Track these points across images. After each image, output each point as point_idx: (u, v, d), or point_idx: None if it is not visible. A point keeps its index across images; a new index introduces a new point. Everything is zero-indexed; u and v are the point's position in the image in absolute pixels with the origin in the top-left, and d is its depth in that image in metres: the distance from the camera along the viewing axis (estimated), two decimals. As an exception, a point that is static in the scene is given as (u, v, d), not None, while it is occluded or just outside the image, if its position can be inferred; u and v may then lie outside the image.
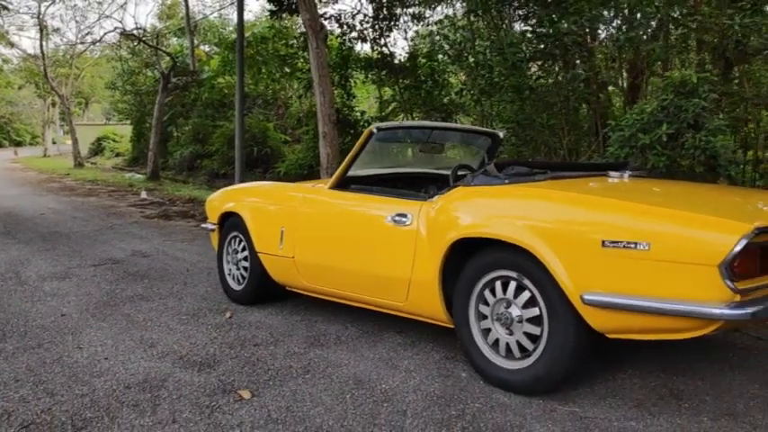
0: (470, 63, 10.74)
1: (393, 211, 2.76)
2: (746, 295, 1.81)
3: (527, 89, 9.24)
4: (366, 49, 12.90)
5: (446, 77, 12.91)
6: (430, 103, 12.23)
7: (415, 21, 12.75)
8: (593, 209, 2.18)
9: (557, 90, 9.57)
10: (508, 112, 9.83)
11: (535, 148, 9.82)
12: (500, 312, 2.35)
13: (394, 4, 12.14)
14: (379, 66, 12.42)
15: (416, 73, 12.25)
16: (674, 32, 8.93)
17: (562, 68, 9.93)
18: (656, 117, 6.90)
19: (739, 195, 2.77)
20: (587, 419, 2.08)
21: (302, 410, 2.19)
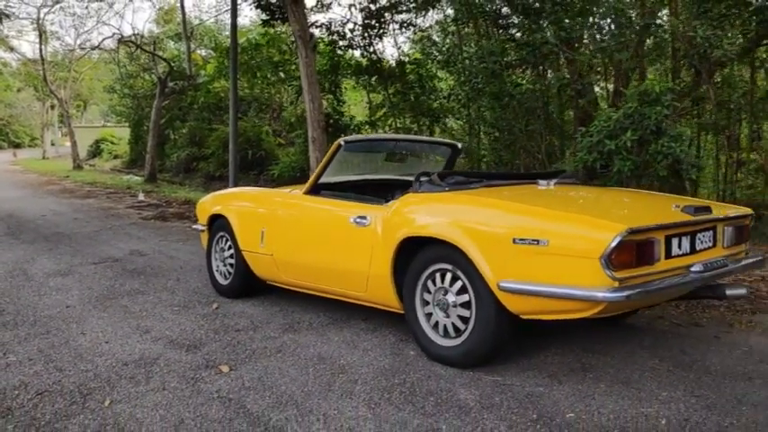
0: (458, 68, 11.20)
1: (355, 213, 3.20)
2: (624, 282, 2.25)
3: (507, 96, 9.70)
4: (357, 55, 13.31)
5: (434, 83, 13.34)
6: (418, 107, 12.65)
7: (403, 29, 13.19)
8: (506, 212, 2.63)
9: (536, 97, 10.03)
10: (489, 118, 10.28)
11: (514, 153, 10.27)
12: (439, 299, 2.79)
13: (383, 13, 12.57)
14: (368, 72, 12.84)
15: (405, 79, 12.66)
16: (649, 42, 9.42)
17: (541, 76, 10.40)
18: (621, 124, 7.39)
19: (637, 199, 3.21)
20: (505, 386, 2.51)
21: (271, 381, 2.62)
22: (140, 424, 2.22)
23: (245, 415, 2.28)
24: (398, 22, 12.96)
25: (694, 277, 2.46)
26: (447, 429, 2.14)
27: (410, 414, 2.27)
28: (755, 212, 7.75)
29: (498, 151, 10.52)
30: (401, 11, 12.76)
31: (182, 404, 2.39)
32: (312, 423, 2.21)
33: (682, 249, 2.50)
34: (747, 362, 2.80)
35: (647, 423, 2.16)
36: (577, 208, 2.73)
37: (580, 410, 2.27)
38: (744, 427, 2.12)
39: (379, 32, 12.71)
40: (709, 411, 2.25)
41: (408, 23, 13.09)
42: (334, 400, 2.41)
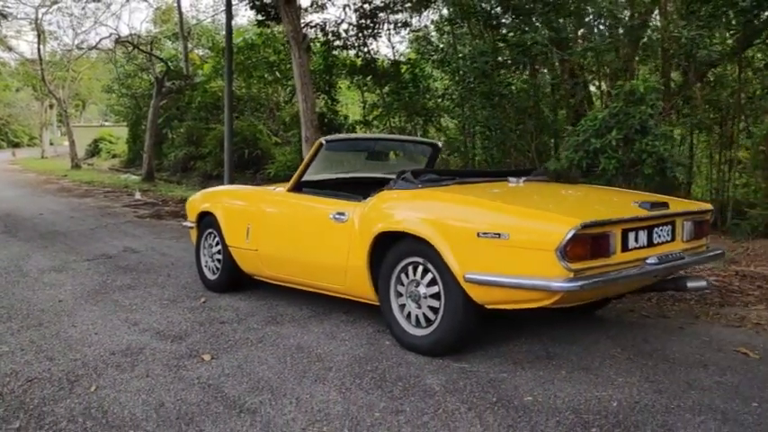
0: (453, 68, 11.33)
1: (335, 209, 3.33)
2: (580, 273, 2.38)
3: (497, 95, 9.83)
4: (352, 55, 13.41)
5: (428, 83, 13.46)
6: (411, 107, 12.77)
7: (397, 29, 13.30)
8: (471, 207, 2.77)
9: (527, 96, 10.16)
10: (479, 117, 10.41)
11: (505, 152, 10.41)
12: (411, 290, 2.92)
13: (377, 13, 12.70)
14: (363, 72, 12.97)
15: (399, 78, 12.78)
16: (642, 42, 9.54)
17: (531, 76, 10.53)
18: (607, 123, 7.53)
19: (599, 196, 3.35)
20: (470, 372, 2.65)
21: (250, 368, 2.76)
22: (123, 407, 2.35)
23: (222, 399, 2.42)
24: (393, 22, 13.09)
25: (650, 269, 2.60)
26: (410, 411, 2.27)
27: (378, 397, 2.40)
28: (740, 209, 7.83)
29: (490, 150, 10.67)
30: (396, 11, 12.88)
31: (163, 389, 2.52)
32: (285, 405, 2.34)
33: (639, 243, 2.64)
34: (705, 351, 2.93)
35: (598, 405, 2.29)
36: (538, 204, 2.87)
37: (538, 394, 2.40)
38: (689, 409, 2.26)
39: (373, 33, 12.84)
40: (659, 395, 2.39)
41: (404, 23, 13.22)
42: (307, 385, 2.55)
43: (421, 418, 2.21)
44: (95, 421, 2.23)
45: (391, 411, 2.27)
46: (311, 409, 2.31)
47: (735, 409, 2.25)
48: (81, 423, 2.22)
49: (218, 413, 2.28)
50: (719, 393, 2.40)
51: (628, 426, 2.12)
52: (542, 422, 2.15)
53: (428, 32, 14.24)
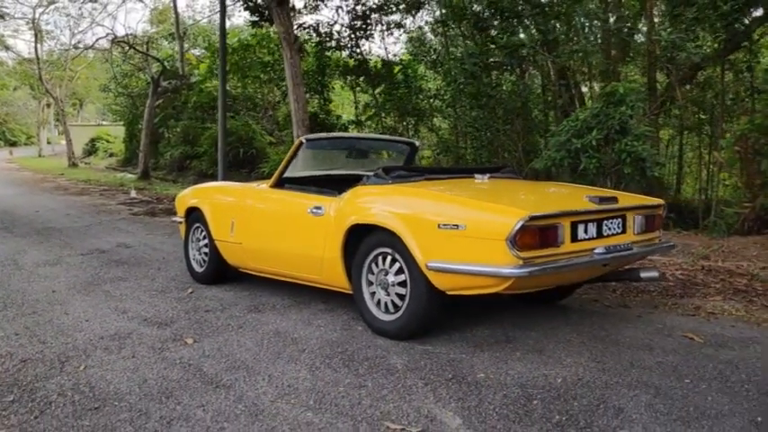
0: (445, 69, 11.54)
1: (312, 204, 3.54)
2: (529, 261, 2.59)
3: (485, 96, 10.05)
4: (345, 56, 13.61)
5: (420, 84, 13.66)
6: (403, 107, 12.98)
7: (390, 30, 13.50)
8: (433, 201, 2.98)
9: (514, 97, 10.37)
10: (468, 118, 10.63)
11: (493, 151, 10.63)
12: (381, 279, 3.13)
13: (369, 15, 12.90)
14: (355, 72, 13.17)
15: (391, 79, 12.98)
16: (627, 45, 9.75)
17: (520, 77, 10.75)
18: (588, 124, 7.75)
19: (554, 191, 3.58)
20: (432, 353, 2.86)
21: (228, 350, 2.96)
22: (109, 383, 2.55)
23: (200, 376, 2.62)
24: (385, 23, 13.29)
25: (597, 258, 2.81)
26: (372, 386, 2.48)
27: (344, 375, 2.61)
28: (719, 207, 8.00)
29: (479, 150, 10.88)
30: (389, 12, 13.09)
31: (147, 368, 2.73)
32: (257, 382, 2.55)
33: (588, 234, 2.85)
34: (655, 336, 3.14)
35: (544, 381, 2.50)
36: (493, 197, 3.08)
37: (491, 372, 2.61)
38: (626, 385, 2.47)
39: (365, 34, 13.04)
40: (602, 373, 2.60)
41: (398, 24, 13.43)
42: (280, 364, 2.75)
43: (380, 392, 2.41)
44: (83, 395, 2.44)
45: (354, 386, 2.48)
46: (281, 384, 2.51)
47: (668, 385, 2.46)
48: (70, 397, 2.42)
49: (195, 388, 2.49)
50: (658, 372, 2.61)
51: (567, 398, 2.33)
52: (490, 395, 2.36)
53: (422, 33, 14.48)
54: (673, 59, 8.40)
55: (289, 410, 2.26)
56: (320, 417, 2.20)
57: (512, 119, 9.98)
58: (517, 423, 2.13)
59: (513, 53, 9.57)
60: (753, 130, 7.11)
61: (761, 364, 2.70)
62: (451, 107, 12.06)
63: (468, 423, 2.13)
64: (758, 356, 2.82)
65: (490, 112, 10.02)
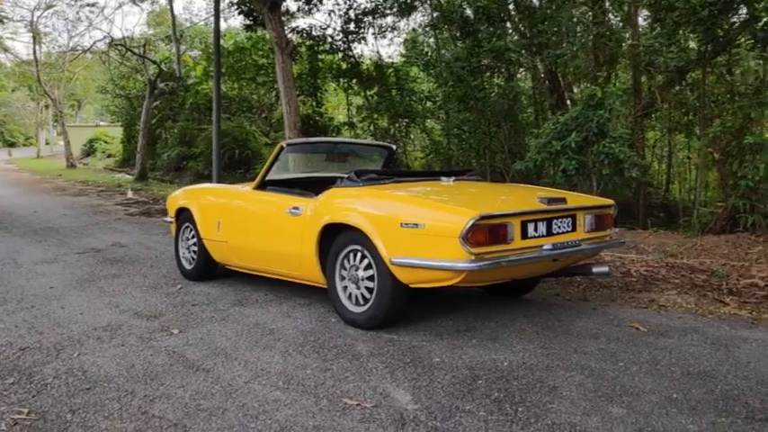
0: (436, 72, 11.80)
1: (291, 204, 3.81)
2: (480, 256, 2.86)
3: (472, 99, 10.32)
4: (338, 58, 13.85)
5: (413, 86, 13.92)
6: (393, 109, 13.24)
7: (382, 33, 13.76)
8: (396, 202, 3.26)
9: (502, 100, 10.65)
10: (455, 121, 10.90)
11: (481, 153, 10.90)
12: (352, 274, 3.40)
13: (361, 18, 13.17)
14: (348, 75, 13.43)
15: (383, 82, 13.24)
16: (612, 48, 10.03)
17: (508, 80, 11.02)
18: (568, 126, 8.03)
19: (509, 192, 3.86)
20: (396, 341, 3.13)
21: (210, 339, 3.23)
22: (100, 368, 2.82)
23: (183, 361, 2.89)
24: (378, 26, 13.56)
25: (545, 254, 3.07)
26: (337, 369, 2.75)
27: (313, 360, 2.88)
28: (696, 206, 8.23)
29: (466, 151, 11.16)
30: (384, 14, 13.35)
31: (135, 355, 3.00)
32: (234, 366, 2.82)
33: (538, 232, 3.11)
34: (604, 326, 3.41)
35: (492, 365, 2.77)
36: (450, 199, 3.35)
37: (446, 357, 2.88)
38: (565, 368, 2.74)
39: (358, 37, 13.31)
40: (546, 358, 2.87)
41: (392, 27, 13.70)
42: (256, 351, 3.02)
43: (344, 374, 2.68)
44: (75, 378, 2.70)
45: (321, 369, 2.75)
46: (255, 368, 2.78)
47: (602, 367, 2.73)
48: (64, 379, 2.69)
49: (177, 371, 2.76)
50: (596, 357, 2.88)
51: (509, 379, 2.60)
52: (441, 376, 2.63)
53: (416, 35, 14.75)
54: (652, 63, 8.68)
55: (259, 390, 2.53)
56: (287, 395, 2.47)
57: (499, 121, 10.24)
58: (460, 399, 2.40)
59: (500, 57, 9.85)
60: (724, 133, 7.38)
61: (692, 350, 2.97)
62: (442, 109, 12.34)
63: (416, 399, 2.40)
64: (693, 344, 3.09)
65: (478, 115, 10.29)
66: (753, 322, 3.53)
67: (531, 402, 2.35)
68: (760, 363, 2.79)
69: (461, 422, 2.20)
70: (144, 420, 2.27)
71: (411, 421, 2.22)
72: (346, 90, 13.98)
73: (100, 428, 2.21)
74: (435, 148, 12.28)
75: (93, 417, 2.30)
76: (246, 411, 2.32)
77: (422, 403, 2.37)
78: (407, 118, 13.33)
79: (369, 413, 2.29)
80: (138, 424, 2.24)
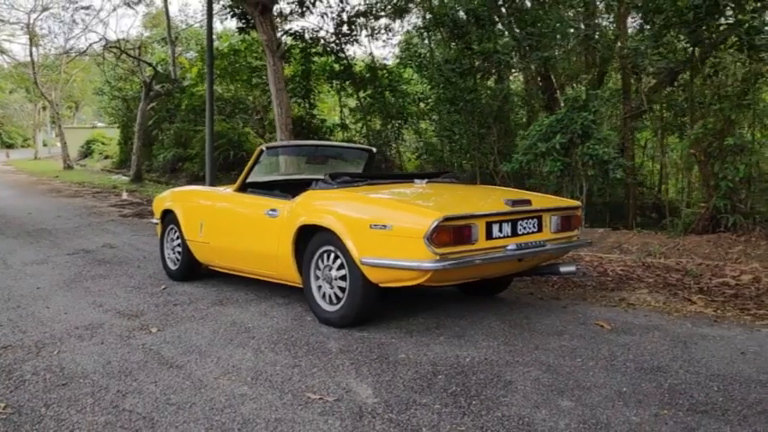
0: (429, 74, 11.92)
1: (269, 206, 3.91)
2: (445, 256, 2.97)
3: (462, 101, 10.43)
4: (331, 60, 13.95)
5: (406, 88, 14.03)
6: (386, 111, 13.35)
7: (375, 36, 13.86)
8: (366, 204, 3.37)
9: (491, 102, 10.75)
10: (446, 122, 11.01)
11: (471, 154, 11.01)
12: (326, 274, 3.51)
13: (354, 21, 13.27)
14: (341, 77, 13.54)
15: (376, 83, 13.34)
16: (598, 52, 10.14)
17: (498, 82, 11.13)
18: (553, 128, 8.14)
19: (476, 194, 3.97)
20: (366, 339, 3.23)
21: (187, 337, 3.34)
22: (77, 365, 2.93)
23: (158, 359, 2.99)
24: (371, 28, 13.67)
25: (509, 254, 3.18)
26: (305, 365, 2.85)
27: (283, 357, 2.98)
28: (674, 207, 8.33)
29: (456, 153, 11.27)
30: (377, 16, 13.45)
31: (112, 352, 3.10)
32: (207, 363, 2.92)
33: (503, 233, 3.22)
34: (570, 324, 3.52)
35: (454, 360, 2.88)
36: (418, 201, 3.46)
37: (411, 353, 2.99)
38: (524, 363, 2.84)
39: (351, 39, 13.41)
40: (508, 354, 2.97)
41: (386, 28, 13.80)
42: (230, 349, 3.13)
43: (311, 370, 2.79)
44: (53, 374, 2.81)
45: (290, 366, 2.85)
46: (227, 365, 2.89)
47: (560, 363, 2.84)
48: (42, 375, 2.79)
49: (152, 368, 2.86)
50: (556, 353, 2.98)
51: (468, 374, 2.70)
52: (404, 371, 2.74)
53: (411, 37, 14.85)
54: (637, 66, 8.79)
55: (228, 385, 2.63)
56: (253, 390, 2.58)
57: (489, 123, 10.35)
58: (418, 393, 2.50)
59: (489, 59, 9.96)
60: (706, 134, 7.49)
61: (650, 347, 3.08)
62: (434, 111, 12.45)
63: (377, 393, 2.51)
64: (652, 341, 3.19)
65: (467, 117, 10.40)
66: (716, 320, 3.64)
67: (486, 396, 2.46)
68: (713, 359, 2.90)
69: (416, 414, 2.30)
70: (114, 414, 2.37)
71: (368, 414, 2.32)
72: (339, 92, 14.09)
73: (72, 422, 2.31)
74: (427, 150, 12.39)
75: (66, 411, 2.41)
76: (213, 405, 2.43)
77: (381, 397, 2.47)
78: (400, 119, 13.44)
79: (329, 407, 2.39)
80: (108, 417, 2.34)
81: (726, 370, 2.74)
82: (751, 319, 3.64)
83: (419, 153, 12.58)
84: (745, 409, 2.33)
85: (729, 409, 2.32)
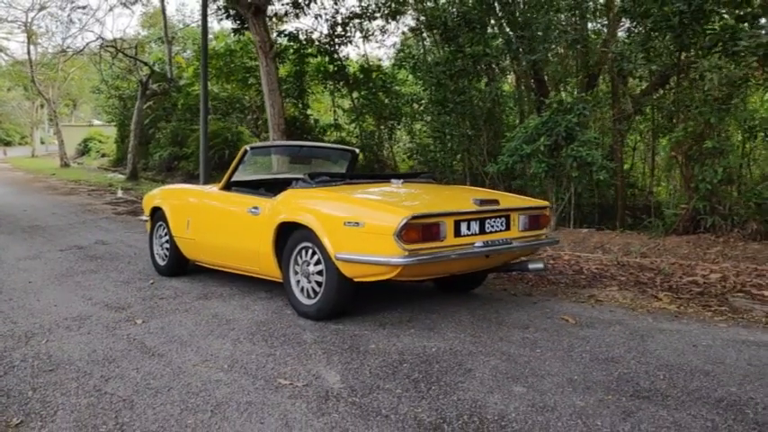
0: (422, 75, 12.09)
1: (251, 204, 4.08)
2: (413, 252, 3.13)
3: (451, 103, 10.59)
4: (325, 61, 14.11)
5: (400, 89, 14.18)
6: (379, 111, 13.51)
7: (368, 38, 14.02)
8: (340, 203, 3.54)
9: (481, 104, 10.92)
10: (436, 123, 11.17)
11: (461, 155, 11.17)
12: (304, 269, 3.67)
13: (348, 22, 13.43)
14: (334, 78, 13.70)
15: (369, 84, 13.50)
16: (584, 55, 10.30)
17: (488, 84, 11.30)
18: (538, 130, 8.32)
19: (446, 193, 4.14)
20: (341, 330, 3.40)
21: (170, 328, 3.50)
22: (64, 353, 3.09)
23: (141, 348, 3.15)
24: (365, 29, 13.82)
25: (476, 251, 3.35)
26: (279, 354, 3.02)
27: (260, 347, 3.15)
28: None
29: (446, 153, 11.44)
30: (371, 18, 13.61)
31: (98, 342, 3.26)
32: (187, 352, 3.08)
33: (470, 230, 3.39)
34: (537, 318, 3.68)
35: (421, 350, 3.04)
36: (390, 200, 3.62)
37: (382, 344, 3.15)
38: (486, 353, 3.01)
39: (344, 40, 13.57)
40: (472, 345, 3.14)
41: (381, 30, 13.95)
42: (210, 339, 3.29)
43: (285, 359, 2.95)
44: (41, 361, 2.97)
45: (265, 355, 3.02)
46: (206, 354, 3.05)
47: (520, 353, 3.01)
48: (30, 362, 2.95)
49: (134, 356, 3.02)
50: (518, 344, 3.15)
51: (432, 362, 2.87)
52: (371, 360, 2.90)
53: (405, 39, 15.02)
54: (622, 70, 8.97)
55: (205, 372, 2.80)
56: (229, 376, 2.74)
57: (479, 124, 10.51)
58: (383, 379, 2.67)
59: (478, 61, 10.13)
60: (686, 137, 7.67)
61: (608, 340, 3.25)
62: (426, 112, 12.61)
63: (344, 379, 2.67)
64: (612, 334, 3.36)
65: (458, 118, 10.56)
66: (677, 316, 3.81)
67: (445, 382, 2.62)
68: (666, 350, 3.07)
69: (378, 398, 2.47)
70: (97, 396, 2.53)
71: (333, 397, 2.48)
72: (333, 93, 14.25)
73: (56, 404, 2.47)
74: (418, 150, 12.55)
75: (51, 393, 2.57)
76: (190, 389, 2.59)
77: (348, 383, 2.64)
78: (393, 120, 13.60)
79: (298, 391, 2.56)
80: (90, 399, 2.50)
81: (675, 360, 2.91)
82: (711, 315, 3.81)
83: (410, 154, 12.74)
84: (685, 395, 2.49)
85: (670, 396, 2.49)
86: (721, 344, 3.18)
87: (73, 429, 2.24)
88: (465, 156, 10.86)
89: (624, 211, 9.90)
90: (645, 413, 2.32)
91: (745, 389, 2.55)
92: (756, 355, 2.98)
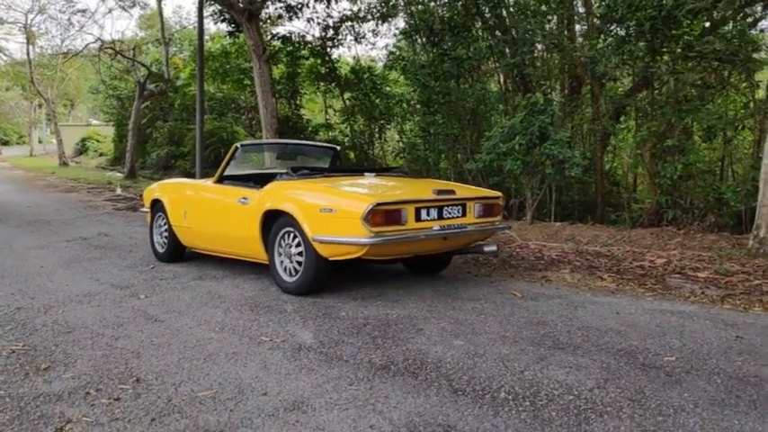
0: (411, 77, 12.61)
1: (241, 195, 4.61)
2: (379, 234, 3.67)
3: (436, 104, 11.13)
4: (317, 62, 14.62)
5: (389, 89, 14.70)
6: (370, 112, 14.03)
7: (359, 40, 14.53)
8: (318, 192, 4.09)
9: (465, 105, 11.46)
10: (422, 123, 11.71)
11: (446, 154, 11.71)
12: (287, 251, 4.20)
13: (340, 26, 13.94)
14: (326, 79, 14.21)
15: (360, 86, 14.01)
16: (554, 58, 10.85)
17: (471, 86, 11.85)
18: (514, 130, 8.88)
19: (410, 185, 4.67)
20: (318, 303, 3.93)
21: (169, 301, 4.03)
22: (78, 319, 3.61)
23: (144, 315, 3.68)
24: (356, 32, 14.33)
25: (434, 234, 3.89)
26: (263, 320, 3.55)
27: (246, 315, 3.68)
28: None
29: (432, 152, 11.98)
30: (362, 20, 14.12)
31: (107, 311, 3.79)
32: (183, 318, 3.61)
33: (430, 216, 3.93)
34: (490, 294, 4.22)
35: (383, 316, 3.58)
36: (359, 190, 4.17)
37: (351, 312, 3.69)
38: (437, 318, 3.54)
39: (336, 43, 14.09)
40: (428, 312, 3.68)
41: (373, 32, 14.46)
42: (204, 309, 3.82)
43: (267, 323, 3.49)
44: (60, 326, 3.49)
45: (250, 320, 3.55)
46: (200, 319, 3.58)
47: (466, 318, 3.54)
48: (50, 326, 3.48)
49: (139, 322, 3.55)
50: (467, 312, 3.69)
51: (390, 324, 3.41)
52: (340, 324, 3.44)
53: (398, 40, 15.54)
54: (594, 73, 9.52)
55: (199, 332, 3.33)
56: (219, 335, 3.27)
57: (464, 124, 11.04)
58: (347, 336, 3.20)
59: (461, 64, 10.68)
60: (650, 136, 8.23)
61: (546, 308, 3.79)
62: (415, 112, 13.14)
63: (315, 337, 3.21)
64: (551, 305, 3.90)
65: (444, 118, 11.10)
66: (613, 292, 4.36)
67: (398, 338, 3.16)
68: (592, 317, 3.61)
69: (341, 349, 3.00)
70: (109, 350, 3.06)
71: (306, 349, 3.02)
72: (325, 93, 14.76)
73: (76, 354, 3.00)
74: (406, 148, 13.08)
75: (71, 348, 3.10)
76: (186, 345, 3.12)
77: (318, 339, 3.17)
78: (383, 120, 14.13)
79: (276, 345, 3.09)
80: (104, 352, 3.03)
81: (596, 324, 3.45)
82: (643, 292, 4.36)
83: (397, 152, 13.27)
84: (594, 347, 3.04)
85: (581, 347, 3.03)
86: (641, 312, 3.72)
87: (92, 371, 2.77)
88: (450, 154, 11.39)
89: (604, 207, 10.44)
90: (555, 358, 2.86)
91: (645, 343, 3.10)
92: (666, 320, 3.53)
